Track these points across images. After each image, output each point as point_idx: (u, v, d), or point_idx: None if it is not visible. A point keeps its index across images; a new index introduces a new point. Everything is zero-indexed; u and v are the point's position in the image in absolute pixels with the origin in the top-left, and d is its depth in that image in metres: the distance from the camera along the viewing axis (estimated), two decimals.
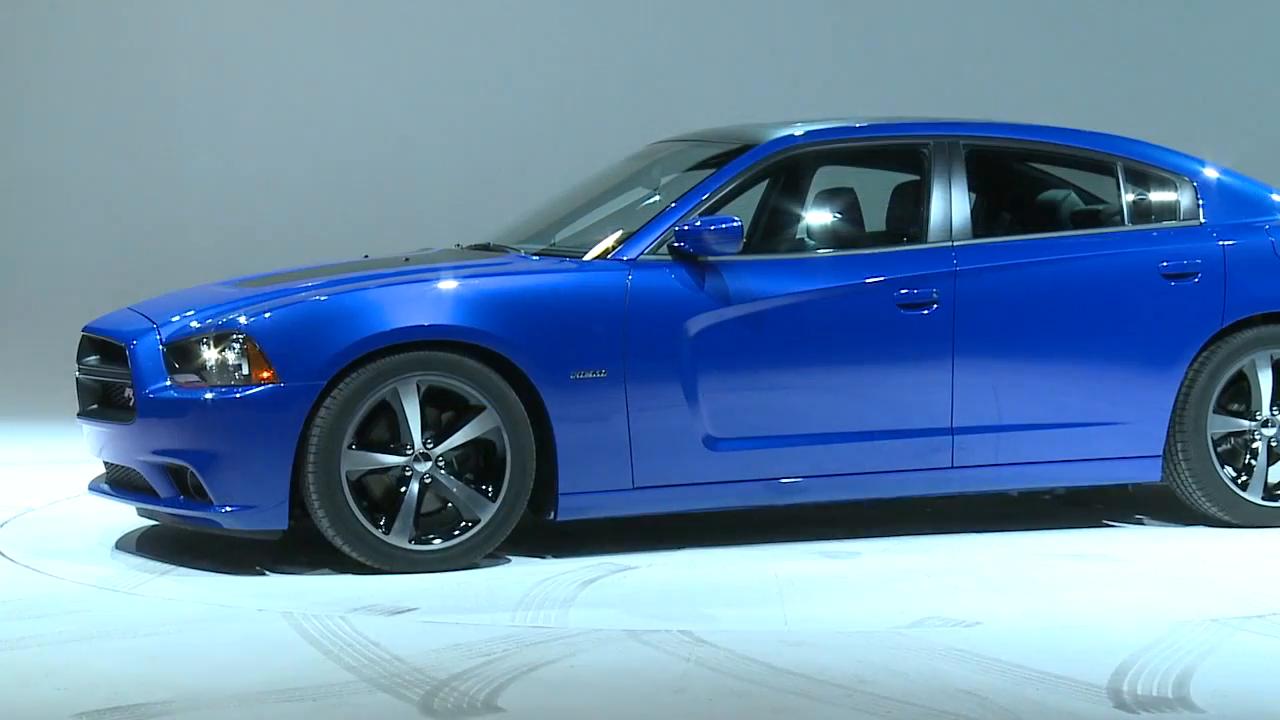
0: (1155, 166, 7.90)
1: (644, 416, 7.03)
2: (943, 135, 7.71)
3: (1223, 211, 7.84)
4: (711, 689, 5.47)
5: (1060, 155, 8.00)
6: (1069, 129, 8.09)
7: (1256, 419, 7.70)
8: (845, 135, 7.87)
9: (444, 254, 7.85)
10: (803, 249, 7.80)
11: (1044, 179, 8.16)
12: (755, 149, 7.51)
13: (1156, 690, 5.47)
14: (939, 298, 7.36)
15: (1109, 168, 7.90)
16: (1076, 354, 7.56)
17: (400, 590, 6.60)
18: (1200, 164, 7.97)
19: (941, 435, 7.39)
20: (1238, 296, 7.68)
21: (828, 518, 7.80)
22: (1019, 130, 7.99)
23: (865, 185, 7.99)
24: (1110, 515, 8.00)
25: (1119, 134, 8.16)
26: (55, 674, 5.66)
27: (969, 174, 7.65)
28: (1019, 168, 8.12)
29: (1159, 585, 6.76)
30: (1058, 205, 8.03)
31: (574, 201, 8.06)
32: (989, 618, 6.23)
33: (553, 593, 6.59)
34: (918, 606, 6.40)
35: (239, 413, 6.67)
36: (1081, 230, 7.80)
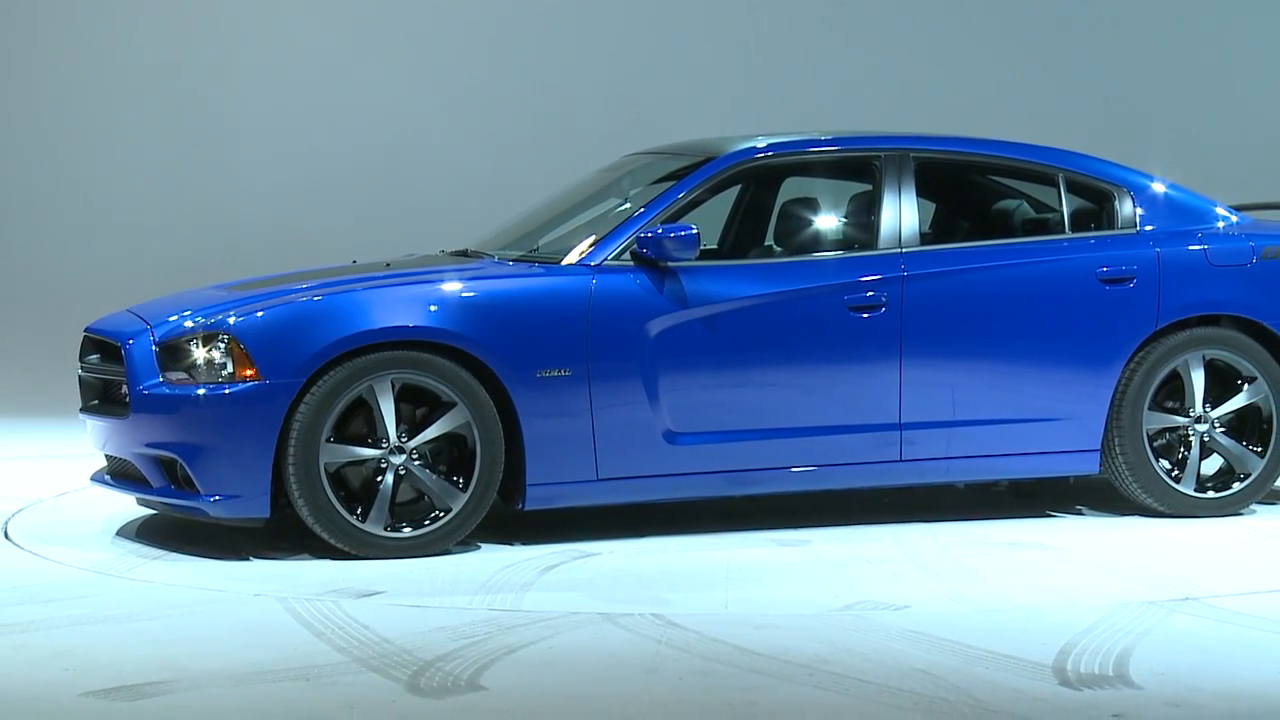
0: (1094, 178, 8.16)
1: (607, 412, 7.34)
2: (893, 148, 7.98)
3: (1159, 220, 8.08)
4: (681, 669, 5.65)
5: (1005, 167, 8.27)
6: (1014, 142, 8.33)
7: (1190, 415, 7.94)
8: (802, 148, 8.15)
9: (424, 259, 8.15)
10: (770, 254, 8.15)
11: (994, 188, 8.41)
12: (714, 161, 7.83)
13: (1098, 669, 5.63)
14: (887, 301, 7.64)
15: (1051, 179, 8.16)
16: (1018, 354, 7.82)
17: (372, 574, 6.86)
18: (1138, 175, 8.20)
19: (890, 430, 7.67)
20: (1171, 300, 7.92)
21: (785, 508, 8.02)
22: (966, 143, 8.27)
23: (828, 195, 8.27)
24: (1053, 506, 8.24)
25: (1063, 147, 8.39)
26: (63, 655, 5.85)
27: (918, 184, 7.91)
28: (968, 178, 8.38)
29: (1093, 571, 6.98)
30: (1010, 214, 8.28)
31: (551, 210, 8.35)
32: (917, 602, 6.45)
33: (514, 577, 6.86)
34: (852, 591, 6.61)
35: (224, 408, 7.01)
36: (1024, 238, 8.03)
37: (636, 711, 5.16)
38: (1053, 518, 8.04)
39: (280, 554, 7.29)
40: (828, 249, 7.98)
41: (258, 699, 5.32)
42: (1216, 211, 8.26)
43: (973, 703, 5.19)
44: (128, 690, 5.42)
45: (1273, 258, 8.05)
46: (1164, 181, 8.26)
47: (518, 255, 7.86)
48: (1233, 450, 7.97)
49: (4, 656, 5.81)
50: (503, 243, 8.13)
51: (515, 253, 7.90)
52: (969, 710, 5.12)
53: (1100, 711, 5.14)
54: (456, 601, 6.48)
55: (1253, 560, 7.23)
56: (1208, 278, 8.01)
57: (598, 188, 8.35)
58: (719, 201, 8.59)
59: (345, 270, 7.92)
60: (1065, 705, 5.19)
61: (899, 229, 7.82)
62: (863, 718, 5.11)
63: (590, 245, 7.56)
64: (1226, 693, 5.36)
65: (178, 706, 5.26)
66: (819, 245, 8.03)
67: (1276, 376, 7.98)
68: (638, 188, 8.08)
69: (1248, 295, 8.01)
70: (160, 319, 7.38)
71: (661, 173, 8.09)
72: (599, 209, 8.12)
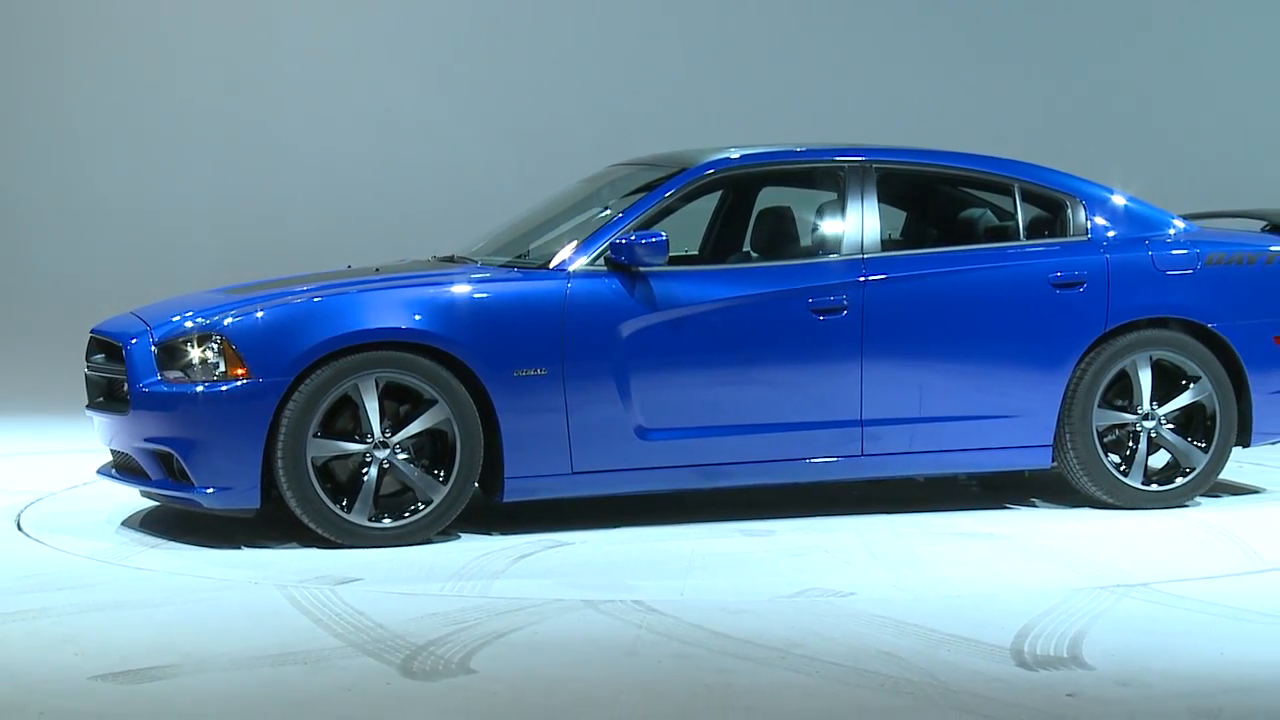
0: (1048, 188, 8.36)
1: (581, 409, 7.56)
2: (856, 159, 8.19)
3: (1109, 228, 8.28)
4: (660, 652, 5.82)
5: (963, 178, 8.49)
6: (972, 154, 8.53)
7: (1138, 413, 8.15)
8: (771, 159, 8.38)
9: (413, 264, 8.35)
10: (745, 260, 8.36)
11: (954, 198, 8.63)
12: (685, 172, 8.04)
13: (1053, 651, 5.80)
14: (849, 304, 7.85)
15: (1007, 189, 8.36)
16: (974, 355, 8.02)
17: (355, 562, 7.06)
18: (1090, 185, 8.40)
19: (852, 426, 7.87)
20: (1120, 304, 8.13)
21: (754, 500, 8.24)
22: (926, 155, 8.49)
23: (799, 203, 8.47)
24: (1008, 498, 8.45)
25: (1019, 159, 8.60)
26: (73, 641, 5.98)
27: (880, 193, 8.12)
28: (928, 188, 8.58)
29: (1043, 559, 7.18)
30: (968, 222, 8.49)
31: (536, 218, 8.56)
32: (863, 588, 6.65)
33: (488, 566, 7.07)
34: (804, 579, 6.81)
35: (217, 405, 7.24)
36: (981, 244, 8.24)
37: (618, 693, 5.35)
38: (1008, 509, 8.25)
39: (270, 543, 7.47)
40: (796, 254, 8.17)
41: (259, 682, 5.48)
42: (1165, 220, 8.46)
43: (935, 683, 5.39)
44: (134, 674, 5.57)
45: (1217, 264, 8.27)
46: (1115, 191, 8.47)
47: (500, 261, 8.05)
48: (1178, 446, 8.19)
49: (17, 642, 5.97)
50: (488, 249, 8.33)
51: (498, 258, 8.09)
52: (932, 690, 5.32)
53: (1055, 691, 5.33)
54: (429, 588, 6.67)
55: (1196, 549, 7.43)
56: (1155, 283, 8.22)
57: (580, 197, 8.56)
58: (703, 210, 8.87)
59: (337, 274, 8.11)
60: (1022, 685, 5.38)
61: (861, 236, 8.02)
62: (832, 698, 5.30)
63: (569, 252, 7.78)
64: (1173, 672, 5.56)
65: (182, 689, 5.41)
66: (789, 251, 8.21)
67: (1219, 376, 8.20)
68: (617, 197, 8.27)
69: (1193, 299, 8.22)
70: (159, 321, 7.58)
71: (638, 183, 8.27)
72: (581, 217, 8.31)
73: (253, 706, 5.27)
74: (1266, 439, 8.42)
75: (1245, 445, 8.38)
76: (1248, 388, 8.28)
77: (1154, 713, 5.15)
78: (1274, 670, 5.58)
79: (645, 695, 5.36)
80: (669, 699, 5.32)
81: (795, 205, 8.50)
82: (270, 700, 5.32)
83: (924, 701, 5.26)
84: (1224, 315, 8.23)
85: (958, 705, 5.21)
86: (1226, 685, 5.42)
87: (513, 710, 5.23)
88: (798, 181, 8.63)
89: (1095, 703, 5.24)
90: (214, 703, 5.30)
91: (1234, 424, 8.26)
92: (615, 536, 7.67)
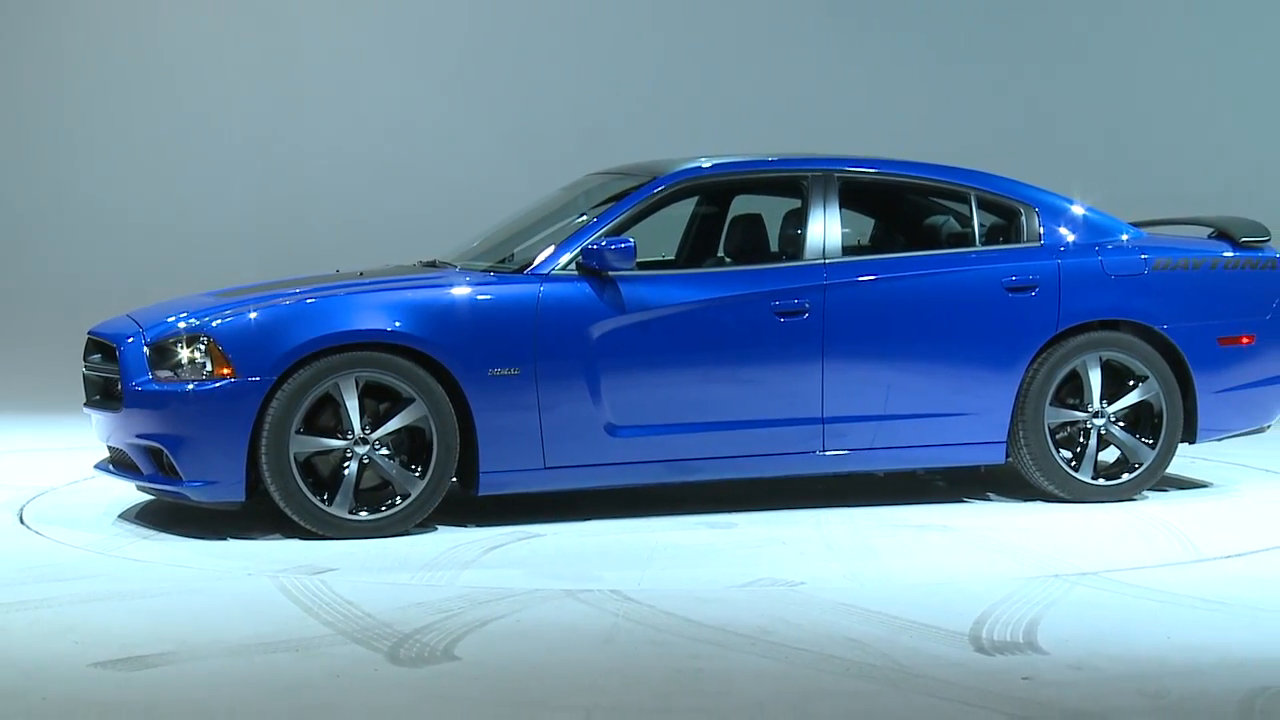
0: (1003, 196, 8.57)
1: (553, 407, 7.77)
2: (820, 168, 8.39)
3: (1061, 235, 8.48)
4: (636, 639, 5.99)
5: (922, 186, 8.67)
6: (932, 164, 8.74)
7: (1088, 411, 8.35)
8: (738, 169, 8.60)
9: (395, 269, 8.55)
10: (719, 264, 8.51)
11: (913, 205, 8.82)
12: (655, 181, 8.24)
13: (1009, 636, 5.97)
14: (810, 307, 8.05)
15: (964, 197, 8.57)
16: (931, 355, 8.22)
17: (333, 553, 7.27)
18: (1043, 194, 8.60)
19: (813, 424, 8.08)
20: (1070, 307, 8.33)
21: (722, 494, 8.44)
22: (887, 164, 8.67)
23: (768, 210, 8.69)
24: (967, 492, 8.67)
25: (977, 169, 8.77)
26: (73, 629, 6.13)
27: (843, 201, 8.33)
28: (889, 195, 8.77)
29: (994, 550, 7.37)
30: (926, 228, 8.69)
31: (516, 225, 8.75)
32: (813, 579, 6.83)
33: (459, 556, 7.27)
34: (758, 569, 7.02)
35: (204, 403, 7.45)
36: (938, 250, 8.45)
37: (596, 678, 5.53)
38: (964, 503, 8.46)
39: (255, 534, 7.66)
40: (765, 260, 8.35)
41: (252, 669, 5.64)
42: (1116, 227, 8.65)
43: (898, 668, 5.58)
44: (133, 661, 5.72)
45: (1164, 269, 8.47)
46: (1068, 200, 8.67)
47: (478, 266, 8.23)
48: (1126, 442, 8.40)
49: (20, 631, 6.13)
50: (470, 254, 8.51)
51: (479, 263, 8.27)
52: (895, 675, 5.51)
53: (1012, 674, 5.51)
54: (401, 577, 6.85)
55: (1144, 540, 7.64)
56: (1104, 287, 8.42)
57: (559, 204, 8.75)
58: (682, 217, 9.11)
59: (323, 278, 8.29)
60: (980, 669, 5.57)
61: (823, 242, 8.21)
62: (799, 682, 5.48)
63: (543, 257, 7.96)
64: (1122, 656, 5.75)
65: (178, 676, 5.56)
66: (759, 256, 8.41)
67: (1166, 376, 8.41)
68: (592, 204, 8.46)
69: (1140, 303, 8.42)
70: (151, 323, 7.79)
71: (612, 191, 8.46)
72: (558, 223, 8.48)
73: (246, 692, 5.41)
74: (1211, 435, 8.65)
75: (1191, 442, 8.60)
76: (1193, 387, 8.49)
77: (1105, 694, 5.32)
78: (1217, 654, 5.77)
79: (622, 680, 5.52)
80: (644, 684, 5.48)
81: (766, 213, 8.69)
82: (263, 685, 5.46)
83: (887, 685, 5.43)
84: (1170, 318, 8.44)
85: (919, 689, 5.39)
86: (1173, 668, 5.61)
87: (495, 695, 5.38)
88: (763, 190, 8.83)
89: (1050, 686, 5.41)
90: (209, 688, 5.45)
91: (1180, 422, 8.47)
92: (583, 529, 7.87)
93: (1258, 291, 8.66)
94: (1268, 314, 8.64)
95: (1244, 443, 9.25)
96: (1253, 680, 5.48)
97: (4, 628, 6.17)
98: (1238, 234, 8.75)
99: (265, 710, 5.25)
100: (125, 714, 5.22)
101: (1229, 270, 8.62)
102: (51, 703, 5.32)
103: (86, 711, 5.24)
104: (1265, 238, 8.78)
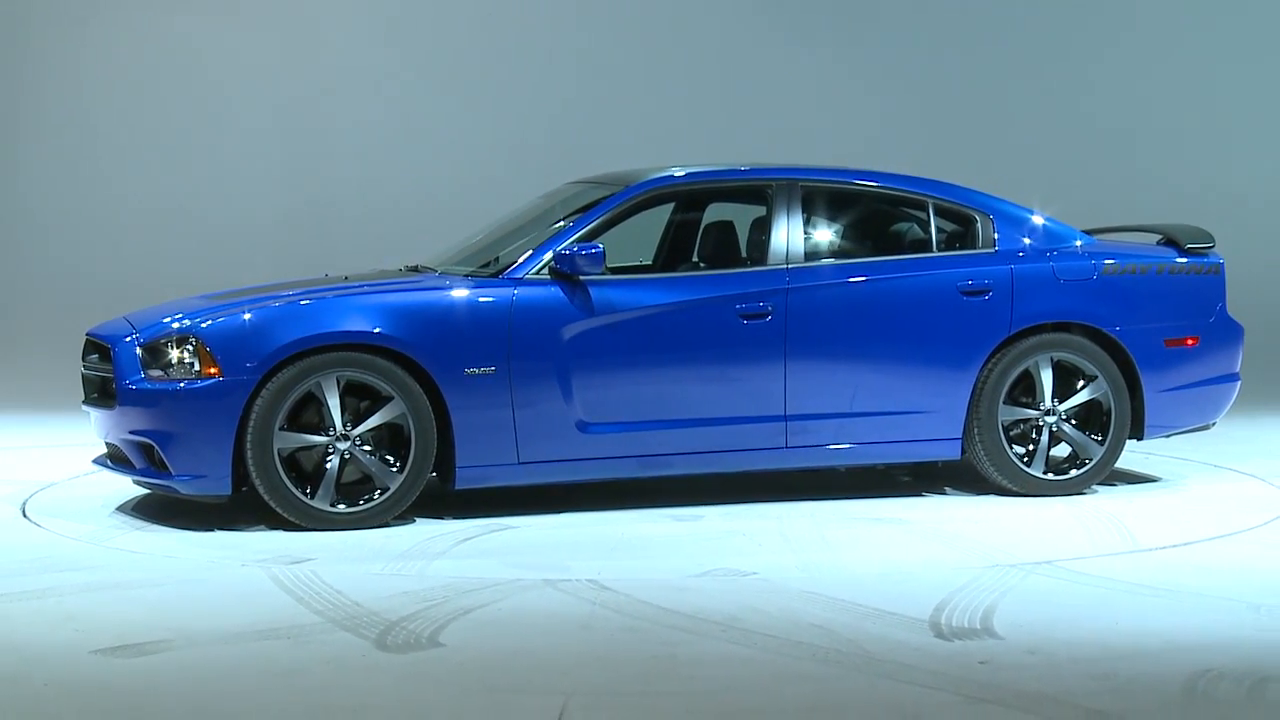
0: (959, 204, 8.78)
1: (526, 405, 8.00)
2: (784, 178, 8.62)
3: (1015, 241, 8.70)
4: (612, 626, 6.17)
5: (882, 195, 8.88)
6: (892, 173, 8.98)
7: (1040, 409, 8.57)
8: (706, 178, 8.84)
9: (380, 273, 8.77)
10: (690, 269, 8.77)
11: (878, 213, 8.97)
12: (625, 190, 8.47)
13: (967, 623, 6.16)
14: (773, 310, 8.28)
15: (923, 205, 8.78)
16: (890, 356, 8.45)
17: (312, 544, 7.50)
18: (998, 202, 8.82)
19: (777, 421, 8.31)
20: (1023, 310, 8.56)
21: (692, 488, 8.68)
22: (849, 174, 8.87)
23: (739, 218, 8.92)
24: (928, 487, 8.90)
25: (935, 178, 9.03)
26: (74, 618, 6.29)
27: (805, 209, 8.53)
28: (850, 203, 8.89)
29: (954, 542, 7.57)
30: (887, 234, 8.88)
31: (498, 231, 8.96)
32: (765, 569, 7.04)
33: (432, 547, 7.49)
34: (715, 560, 7.21)
35: (192, 401, 7.68)
36: (896, 255, 8.64)
37: (575, 663, 5.71)
38: (923, 496, 8.68)
39: (240, 525, 7.88)
40: (735, 264, 8.57)
41: (246, 655, 5.81)
42: (1068, 234, 8.86)
43: (862, 653, 5.77)
44: (131, 648, 5.88)
45: (1113, 274, 8.70)
46: (1021, 208, 8.87)
47: (458, 270, 8.44)
48: (1077, 439, 8.62)
49: (22, 619, 6.30)
50: (453, 259, 8.72)
51: (460, 268, 8.48)
52: (859, 660, 5.70)
53: (969, 659, 5.70)
54: (369, 569, 7.03)
55: (1093, 532, 7.85)
56: (1055, 291, 8.63)
57: (539, 212, 8.95)
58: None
59: (311, 282, 8.50)
60: (940, 654, 5.77)
61: (786, 248, 8.42)
62: (768, 667, 5.66)
63: (517, 262, 8.18)
64: (1074, 640, 5.94)
65: (175, 662, 5.73)
66: (728, 261, 8.63)
67: (1114, 376, 8.63)
68: (569, 211, 8.66)
69: (1090, 306, 8.64)
70: (145, 324, 8.00)
71: (588, 199, 8.66)
72: (536, 230, 8.64)
73: (241, 677, 5.57)
74: (1159, 432, 8.88)
75: (1139, 438, 8.82)
76: (1141, 386, 8.70)
77: (1057, 677, 5.50)
78: (1162, 638, 5.98)
79: (599, 665, 5.70)
80: (620, 668, 5.67)
81: (739, 220, 8.90)
82: (256, 672, 5.62)
83: (851, 669, 5.61)
84: (1119, 320, 8.67)
85: (882, 672, 5.57)
86: (1120, 652, 5.81)
87: (478, 680, 5.55)
88: (729, 198, 9.06)
89: (1005, 669, 5.60)
90: (205, 674, 5.61)
91: (1128, 419, 8.68)
92: (554, 521, 8.09)
93: (1202, 295, 8.91)
94: (1211, 316, 8.89)
95: (1194, 439, 9.49)
96: (1196, 663, 5.67)
97: (7, 616, 6.35)
98: (1183, 240, 8.97)
99: (259, 695, 5.39)
100: (124, 699, 5.36)
101: (1174, 275, 8.86)
102: (53, 687, 5.47)
103: (87, 696, 5.38)
104: (1209, 244, 9.00)
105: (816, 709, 5.28)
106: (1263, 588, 6.79)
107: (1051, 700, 5.29)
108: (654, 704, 5.32)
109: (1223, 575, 7.01)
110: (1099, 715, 5.15)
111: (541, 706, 5.26)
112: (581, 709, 5.24)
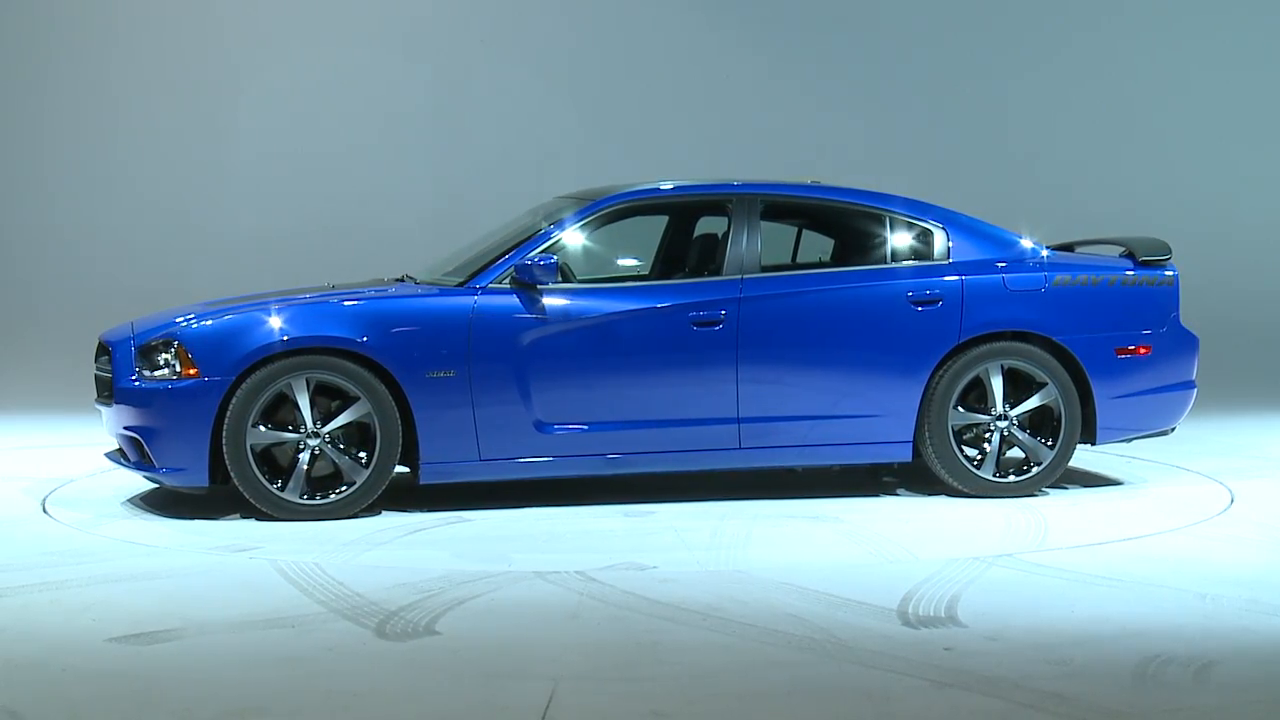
0: (914, 217, 9.47)
1: (486, 406, 8.82)
2: (744, 192, 9.36)
3: (968, 253, 9.36)
4: (598, 616, 6.63)
5: (840, 208, 9.55)
6: (849, 188, 9.69)
7: (991, 414, 9.31)
8: (669, 194, 9.56)
9: (363, 282, 9.53)
10: (666, 276, 9.56)
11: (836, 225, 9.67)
12: (591, 204, 9.22)
13: (933, 611, 6.61)
14: (726, 318, 9.00)
15: (880, 219, 9.44)
16: (842, 362, 9.15)
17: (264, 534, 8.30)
18: (952, 215, 9.46)
19: (729, 423, 9.04)
20: (973, 319, 9.28)
21: (651, 486, 9.37)
22: (809, 189, 9.55)
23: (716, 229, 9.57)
24: (887, 487, 9.59)
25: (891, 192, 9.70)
26: (91, 608, 6.79)
27: (763, 222, 9.24)
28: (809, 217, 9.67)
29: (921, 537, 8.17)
30: (849, 247, 9.58)
31: (484, 243, 9.73)
32: (665, 564, 7.58)
33: (381, 538, 8.26)
34: (627, 555, 7.80)
35: (173, 400, 8.57)
36: (851, 266, 9.30)
37: (564, 650, 6.20)
38: (874, 497, 9.35)
39: (223, 515, 8.72)
40: (696, 274, 9.28)
41: (252, 643, 6.31)
42: (1021, 246, 9.48)
43: (834, 640, 6.27)
44: (144, 636, 6.39)
45: (1063, 285, 9.34)
46: (974, 221, 9.52)
47: (436, 280, 9.20)
48: (1027, 443, 9.30)
49: (42, 609, 6.84)
50: (437, 270, 9.47)
51: (449, 278, 9.20)
52: (831, 647, 6.19)
53: (934, 645, 6.20)
54: (306, 560, 7.68)
55: (1045, 529, 8.48)
56: (1004, 301, 9.31)
57: (522, 224, 9.66)
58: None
59: (296, 290, 9.28)
60: (907, 641, 6.27)
61: (742, 258, 9.15)
62: (745, 654, 6.14)
63: (482, 272, 8.97)
64: (1032, 627, 6.46)
65: (186, 649, 6.24)
66: (697, 269, 9.33)
67: (1065, 382, 9.28)
68: (545, 224, 9.35)
69: (1039, 315, 9.29)
70: (144, 328, 8.85)
71: (563, 213, 9.39)
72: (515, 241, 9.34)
73: (247, 664, 6.04)
74: (1113, 437, 9.58)
75: (1092, 443, 9.54)
76: (1092, 393, 9.35)
77: (1017, 663, 5.98)
78: (1115, 625, 6.51)
79: (586, 652, 6.19)
80: (606, 655, 6.16)
81: (715, 232, 9.53)
82: (262, 658, 6.11)
83: (824, 656, 6.10)
84: (1069, 329, 9.32)
85: (852, 659, 6.05)
86: (1076, 638, 6.32)
87: (473, 666, 6.02)
88: (695, 211, 9.83)
89: (968, 655, 6.10)
90: (214, 661, 6.10)
91: (1078, 424, 9.30)
92: (511, 515, 8.86)
93: (1154, 306, 9.59)
94: (1164, 326, 9.59)
95: (1164, 442, 10.18)
96: (1147, 649, 6.19)
97: (28, 606, 6.91)
98: (1140, 252, 9.55)
99: (265, 680, 5.84)
100: (138, 684, 5.79)
101: (1126, 286, 9.47)
102: (71, 673, 5.94)
103: (103, 681, 5.83)
104: (1166, 256, 9.57)
105: (792, 693, 5.70)
106: (1208, 578, 7.38)
107: (1011, 684, 5.74)
108: (639, 688, 5.76)
109: (1171, 566, 7.60)
110: (1056, 698, 5.57)
111: (533, 690, 5.70)
112: (570, 693, 5.69)
